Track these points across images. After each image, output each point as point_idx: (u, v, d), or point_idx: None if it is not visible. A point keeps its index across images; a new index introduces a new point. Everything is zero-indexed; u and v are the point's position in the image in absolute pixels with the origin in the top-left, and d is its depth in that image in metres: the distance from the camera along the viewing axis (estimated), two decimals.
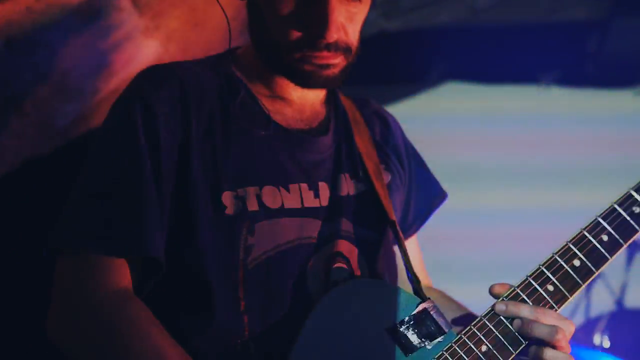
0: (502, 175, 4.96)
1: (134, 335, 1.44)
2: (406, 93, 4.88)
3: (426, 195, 1.98)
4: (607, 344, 3.98)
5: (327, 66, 1.64)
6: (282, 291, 1.59)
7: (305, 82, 1.67)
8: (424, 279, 2.00)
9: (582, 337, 4.30)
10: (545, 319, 1.61)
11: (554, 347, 1.62)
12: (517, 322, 1.61)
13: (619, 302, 4.44)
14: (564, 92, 4.99)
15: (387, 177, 1.85)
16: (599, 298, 4.46)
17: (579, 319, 4.46)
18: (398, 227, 1.80)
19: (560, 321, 1.63)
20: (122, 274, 1.52)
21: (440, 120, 4.94)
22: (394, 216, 1.80)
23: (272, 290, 1.58)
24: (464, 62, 4.82)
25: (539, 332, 1.60)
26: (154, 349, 1.42)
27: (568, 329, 1.63)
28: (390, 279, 1.79)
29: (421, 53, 4.60)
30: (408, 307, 1.61)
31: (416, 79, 4.82)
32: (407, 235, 1.97)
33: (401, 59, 4.52)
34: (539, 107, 5.01)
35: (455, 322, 1.79)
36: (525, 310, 1.62)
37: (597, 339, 4.02)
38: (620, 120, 4.46)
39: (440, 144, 4.83)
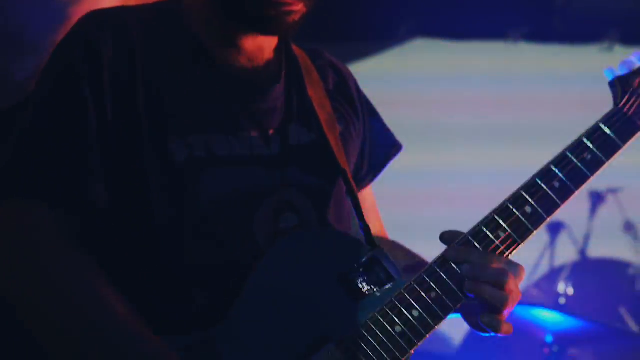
0: (470, 132, 5.00)
1: (75, 285, 1.46)
2: (374, 50, 4.87)
3: (381, 146, 1.93)
4: (570, 291, 4.07)
5: (290, 12, 1.61)
6: (229, 240, 1.59)
7: (266, 28, 1.65)
8: (380, 230, 1.96)
9: (546, 286, 4.39)
10: (495, 264, 1.59)
11: (501, 290, 1.57)
12: (466, 266, 1.59)
13: (582, 252, 4.53)
14: (532, 48, 5.01)
15: (340, 127, 1.81)
16: (563, 248, 4.54)
17: (544, 268, 4.55)
18: (350, 177, 1.78)
19: (510, 266, 1.60)
20: (65, 222, 1.52)
21: (408, 77, 4.95)
22: (347, 166, 1.78)
23: (219, 238, 1.58)
24: (432, 19, 4.82)
25: (487, 275, 1.58)
26: (96, 299, 1.45)
27: (518, 274, 1.61)
28: (341, 229, 1.76)
29: (389, 9, 4.59)
30: (357, 255, 1.61)
31: (384, 35, 4.82)
32: (362, 186, 1.93)
33: (369, 16, 4.51)
34: (507, 63, 5.04)
35: (410, 270, 1.79)
36: (475, 256, 1.60)
37: (561, 288, 4.11)
38: (586, 77, 4.50)
39: (409, 101, 4.86)
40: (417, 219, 4.30)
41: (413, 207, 4.66)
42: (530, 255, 4.43)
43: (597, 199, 4.50)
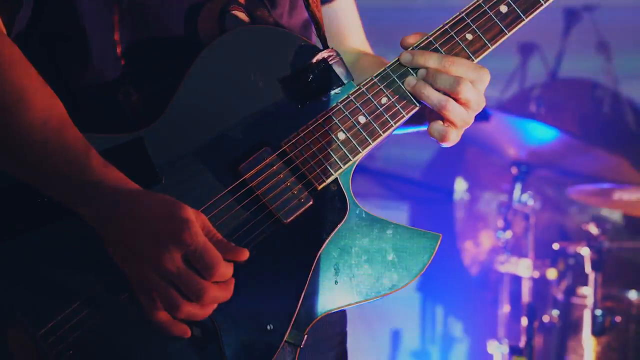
0: None
1: None
2: None
3: None
4: (541, 111, 4.05)
5: None
6: (165, 35, 1.50)
7: None
8: (361, 44, 1.85)
9: (516, 106, 4.36)
10: (453, 68, 1.48)
11: (455, 99, 1.48)
12: (421, 72, 1.48)
13: (553, 74, 4.46)
14: None
15: None
16: (534, 69, 4.47)
17: (514, 89, 4.50)
18: None
19: (472, 70, 1.49)
20: None
21: None
22: None
23: (153, 34, 1.49)
24: None
25: (441, 83, 1.47)
26: (14, 84, 1.35)
27: (481, 78, 1.50)
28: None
29: None
30: (306, 57, 1.50)
31: None
32: None
33: None
34: None
35: None
36: (432, 60, 1.48)
37: (532, 108, 4.08)
38: None
39: None
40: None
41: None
42: (501, 77, 4.36)
43: (571, 17, 4.35)
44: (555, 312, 3.83)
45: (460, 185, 4.45)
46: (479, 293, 4.38)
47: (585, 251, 3.66)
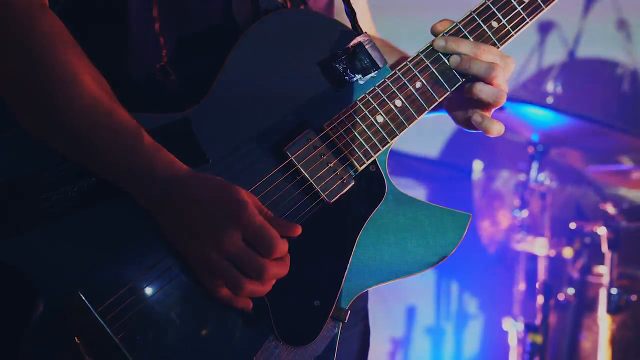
0: None
1: (44, 48, 1.38)
2: None
3: None
4: (559, 90, 4.04)
5: None
6: (203, 15, 1.53)
7: None
8: (368, 27, 1.83)
9: (534, 86, 4.35)
10: (484, 56, 1.56)
11: (489, 84, 1.56)
12: (454, 58, 1.56)
13: (572, 53, 4.45)
14: None
15: None
16: (552, 48, 4.45)
17: (532, 68, 4.49)
18: None
19: (500, 58, 1.57)
20: None
21: None
22: None
23: (191, 12, 1.53)
24: None
25: (476, 68, 1.55)
26: (63, 64, 1.37)
27: (508, 66, 1.59)
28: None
29: None
30: (342, 41, 1.55)
31: None
32: None
33: None
34: None
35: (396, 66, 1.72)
36: (465, 46, 1.56)
37: (549, 87, 4.07)
38: None
39: None
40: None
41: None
42: (518, 56, 4.36)
43: None
44: (570, 291, 3.86)
45: (477, 165, 4.46)
46: (494, 271, 4.41)
47: (601, 230, 3.68)
